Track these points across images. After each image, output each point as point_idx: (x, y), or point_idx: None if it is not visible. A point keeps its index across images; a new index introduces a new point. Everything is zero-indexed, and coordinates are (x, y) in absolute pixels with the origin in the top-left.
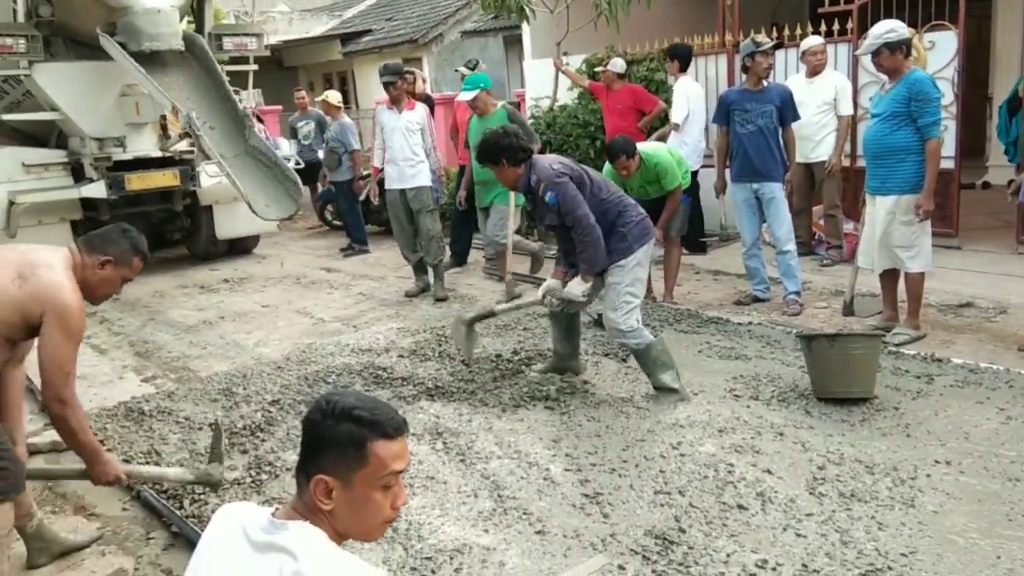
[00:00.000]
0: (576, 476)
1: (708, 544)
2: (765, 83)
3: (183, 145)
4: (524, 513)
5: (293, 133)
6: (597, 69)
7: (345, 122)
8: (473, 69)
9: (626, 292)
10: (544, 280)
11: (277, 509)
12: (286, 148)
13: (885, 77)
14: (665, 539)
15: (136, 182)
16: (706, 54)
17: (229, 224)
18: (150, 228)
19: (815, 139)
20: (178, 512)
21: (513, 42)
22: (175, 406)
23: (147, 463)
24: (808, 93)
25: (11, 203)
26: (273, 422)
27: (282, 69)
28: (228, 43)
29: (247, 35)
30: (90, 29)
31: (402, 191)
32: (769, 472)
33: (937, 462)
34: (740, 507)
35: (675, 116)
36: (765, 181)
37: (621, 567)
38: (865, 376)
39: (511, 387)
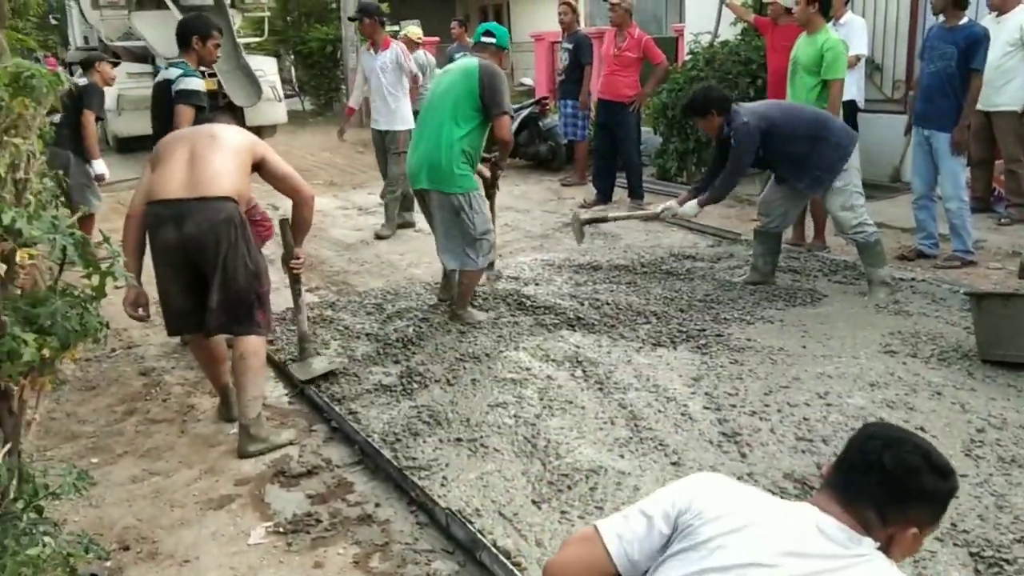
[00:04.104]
0: (715, 415)
1: None
2: (965, 20)
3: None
4: (660, 444)
5: (450, 63)
6: (766, 0)
7: (417, 57)
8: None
9: (854, 191)
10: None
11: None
12: None
13: None
14: (804, 483)
15: None
16: None
17: (254, 116)
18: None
19: (996, 85)
20: (337, 409)
21: None
22: (335, 315)
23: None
24: (993, 32)
25: (119, 95)
26: (423, 337)
27: (441, 1)
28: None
29: None
30: None
31: (380, 132)
32: (922, 430)
33: None
34: None
35: (861, 48)
36: (933, 129)
37: None
38: None
39: (650, 326)
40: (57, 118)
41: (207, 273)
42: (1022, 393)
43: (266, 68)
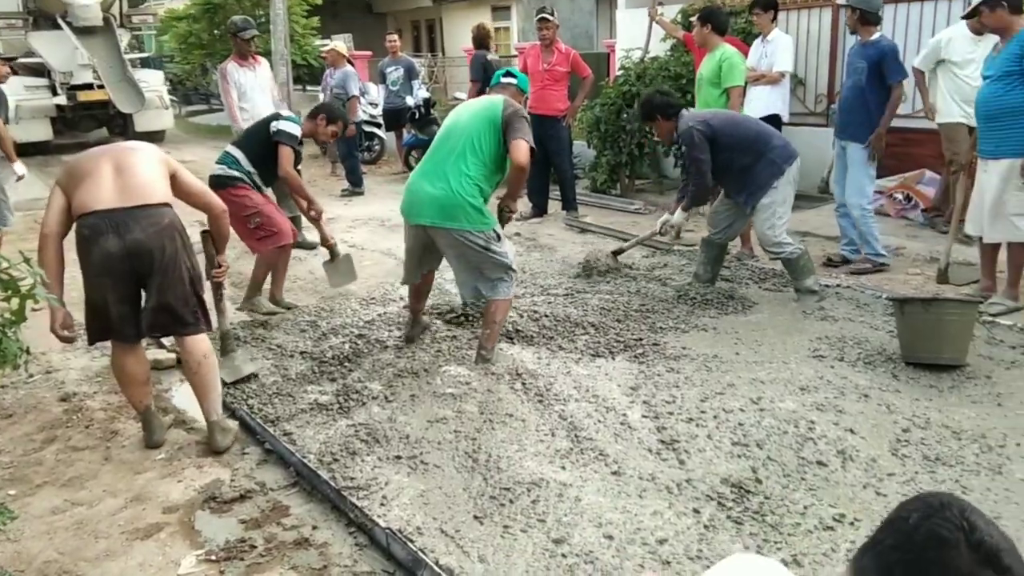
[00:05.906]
0: (653, 423)
1: (785, 496)
2: (876, 36)
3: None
4: (600, 454)
5: (383, 78)
6: (693, 19)
7: (348, 70)
8: (552, 15)
9: (777, 209)
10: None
11: None
12: (374, 93)
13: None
14: (741, 488)
15: (83, 96)
16: (808, 7)
17: (142, 122)
18: (99, 124)
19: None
20: (271, 431)
21: None
22: (268, 334)
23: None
24: (974, 50)
25: (17, 106)
26: (360, 354)
27: (371, 15)
28: (135, 19)
29: (147, 14)
30: (55, 12)
31: None
32: (851, 431)
33: None
34: (820, 463)
35: (785, 64)
36: (848, 140)
37: (696, 511)
38: (957, 343)
39: (588, 337)
40: None
41: (147, 278)
42: (944, 393)
43: (151, 80)
